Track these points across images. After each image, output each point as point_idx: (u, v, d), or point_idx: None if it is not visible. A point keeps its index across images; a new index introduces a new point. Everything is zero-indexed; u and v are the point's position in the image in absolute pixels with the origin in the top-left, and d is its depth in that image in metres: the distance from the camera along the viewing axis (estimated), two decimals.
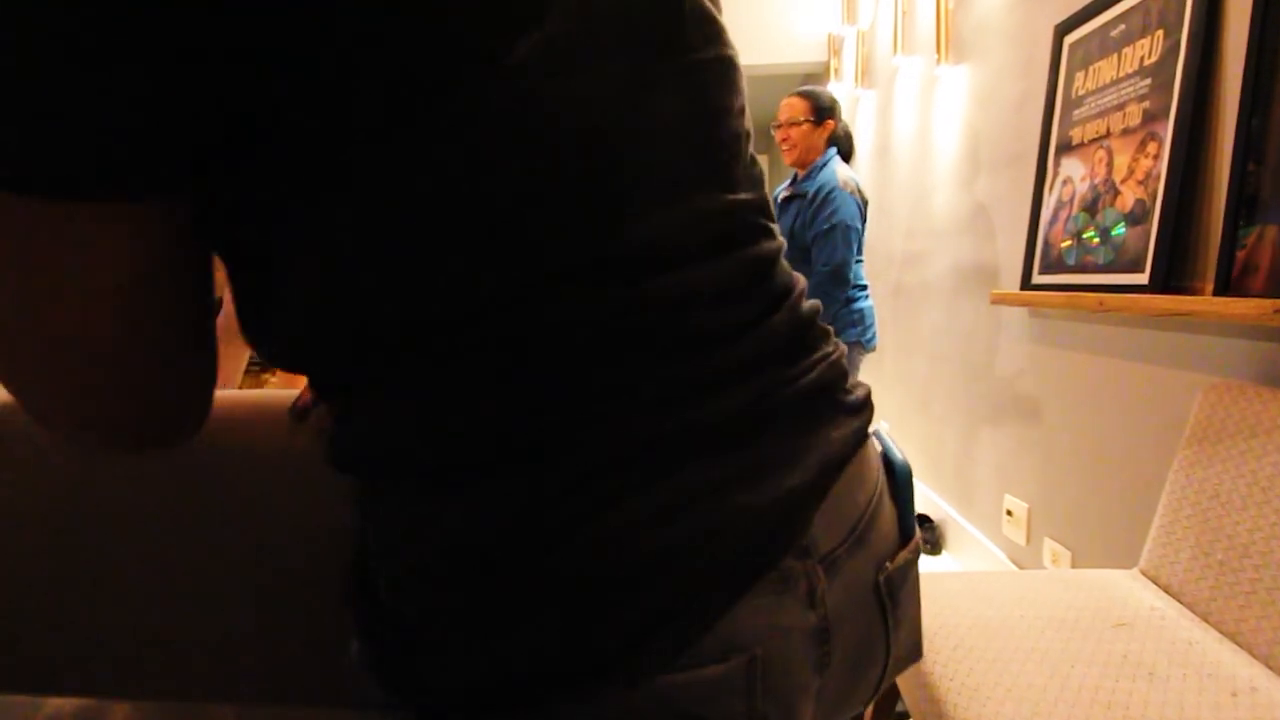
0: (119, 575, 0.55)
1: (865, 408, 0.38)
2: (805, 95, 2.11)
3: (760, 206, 0.35)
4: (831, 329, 0.40)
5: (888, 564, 0.37)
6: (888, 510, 0.39)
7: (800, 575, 0.32)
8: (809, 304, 0.38)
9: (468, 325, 0.28)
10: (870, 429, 0.39)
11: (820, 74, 3.66)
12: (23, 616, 0.56)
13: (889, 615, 0.37)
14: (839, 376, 0.37)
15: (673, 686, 0.29)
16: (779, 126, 2.13)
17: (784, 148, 2.14)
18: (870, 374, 2.89)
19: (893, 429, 2.72)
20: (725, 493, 0.30)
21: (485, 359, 0.29)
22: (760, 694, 0.31)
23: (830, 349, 0.37)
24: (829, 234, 2.00)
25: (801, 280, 0.38)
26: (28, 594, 0.56)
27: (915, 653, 0.42)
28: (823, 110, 2.09)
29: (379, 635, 0.35)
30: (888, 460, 0.40)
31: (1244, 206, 1.02)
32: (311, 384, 0.36)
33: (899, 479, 0.40)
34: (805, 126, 2.09)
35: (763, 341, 0.33)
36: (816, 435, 0.34)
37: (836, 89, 3.42)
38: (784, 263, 0.37)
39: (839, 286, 2.03)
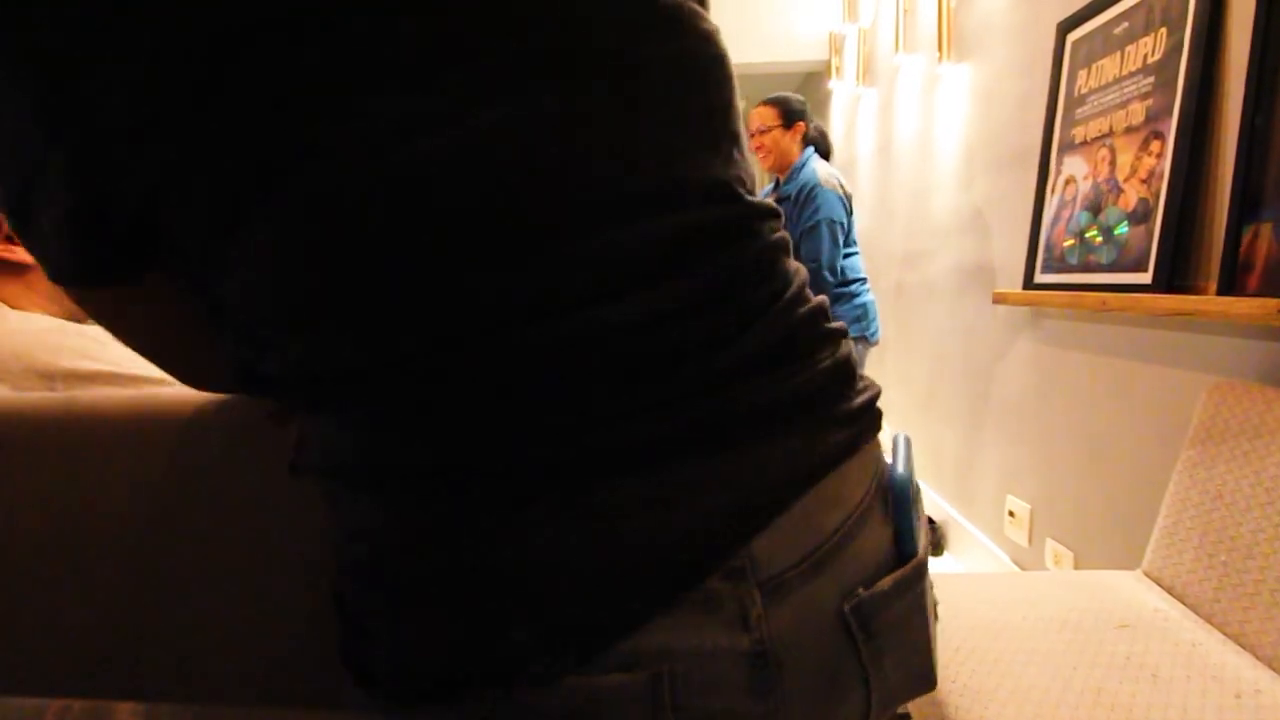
0: (117, 576, 0.55)
1: (858, 419, 0.36)
2: (772, 102, 2.17)
3: (737, 211, 0.34)
4: (844, 327, 0.39)
5: (860, 590, 0.34)
6: (873, 532, 0.36)
7: (729, 598, 0.31)
8: (806, 308, 0.36)
9: (386, 369, 0.31)
10: (865, 440, 0.37)
11: (821, 72, 3.66)
12: (21, 618, 0.56)
13: (862, 646, 0.34)
14: (830, 384, 0.35)
15: (576, 689, 0.30)
16: (751, 136, 2.16)
17: (759, 155, 2.19)
18: (872, 373, 2.88)
19: (893, 429, 2.72)
20: (643, 512, 0.31)
21: (407, 393, 0.31)
22: (669, 711, 0.31)
23: (832, 352, 0.36)
24: (813, 231, 2.03)
25: (798, 281, 0.37)
26: (26, 595, 0.56)
27: (922, 684, 0.39)
28: (791, 114, 2.15)
29: (340, 628, 0.37)
30: (888, 477, 0.38)
31: (1248, 205, 1.01)
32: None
33: (896, 498, 0.38)
34: (776, 131, 2.14)
35: (714, 360, 0.32)
36: (770, 453, 0.32)
37: (837, 87, 3.41)
38: (777, 264, 0.36)
39: (827, 282, 2.06)
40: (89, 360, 0.65)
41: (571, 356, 0.30)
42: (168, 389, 0.62)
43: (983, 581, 1.09)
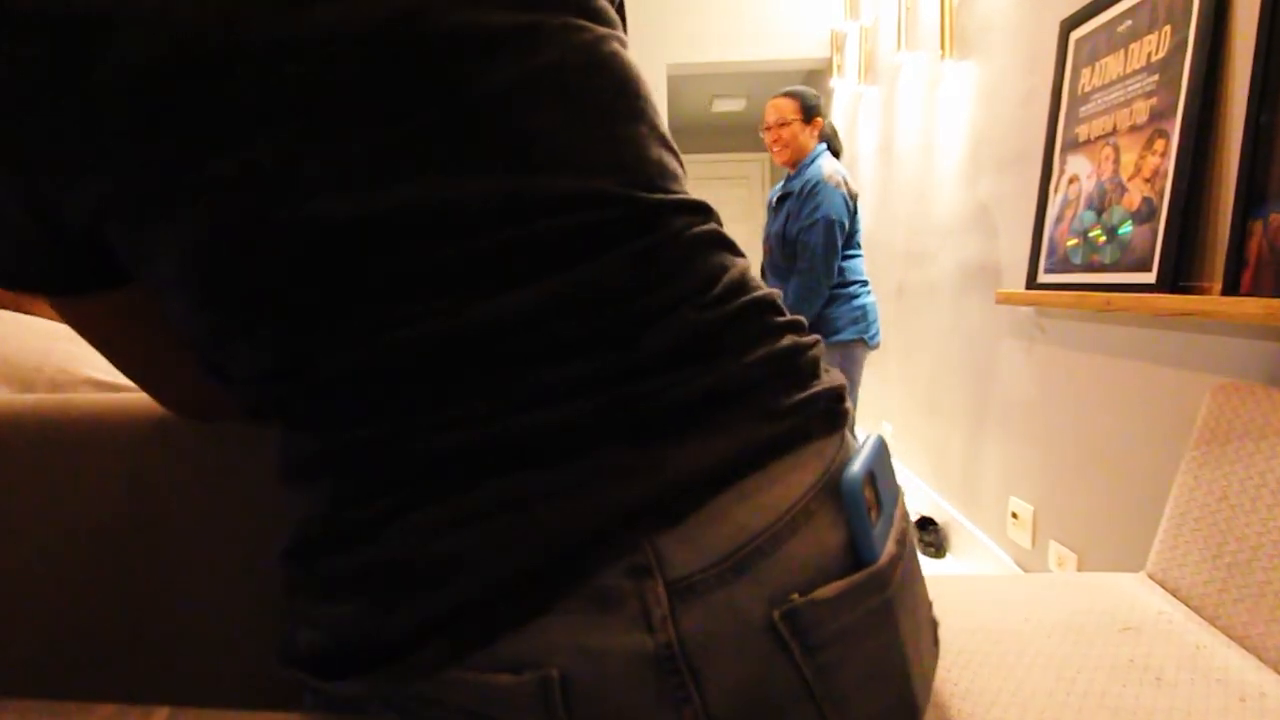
0: (110, 578, 0.55)
1: (796, 415, 0.35)
2: (792, 95, 2.12)
3: (626, 211, 0.34)
4: (791, 325, 0.38)
5: (794, 597, 0.32)
6: (816, 535, 0.34)
7: (630, 595, 0.31)
8: (736, 303, 0.35)
9: (279, 374, 0.33)
10: (807, 437, 0.35)
11: (822, 70, 3.65)
12: (18, 619, 0.56)
13: (801, 660, 0.32)
14: (763, 381, 0.35)
15: (461, 684, 0.31)
16: (767, 129, 2.13)
17: (775, 149, 2.14)
18: (873, 374, 2.88)
19: (896, 430, 2.71)
20: (526, 507, 0.31)
21: (307, 397, 0.33)
22: (562, 714, 0.30)
23: (772, 346, 0.35)
24: (812, 229, 2.00)
25: (729, 276, 0.36)
26: (18, 596, 0.55)
27: (904, 713, 0.36)
28: (810, 108, 2.10)
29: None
30: (837, 477, 0.35)
31: (1253, 204, 1.00)
32: None
33: (844, 500, 0.35)
34: (795, 126, 2.10)
35: (604, 358, 0.32)
36: (678, 451, 0.32)
37: (839, 85, 3.41)
38: (693, 260, 0.35)
39: (823, 281, 2.03)
40: (75, 364, 0.65)
41: (448, 356, 0.31)
42: None
43: (985, 583, 1.09)
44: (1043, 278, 1.56)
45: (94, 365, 0.66)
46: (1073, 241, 1.46)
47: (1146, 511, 1.29)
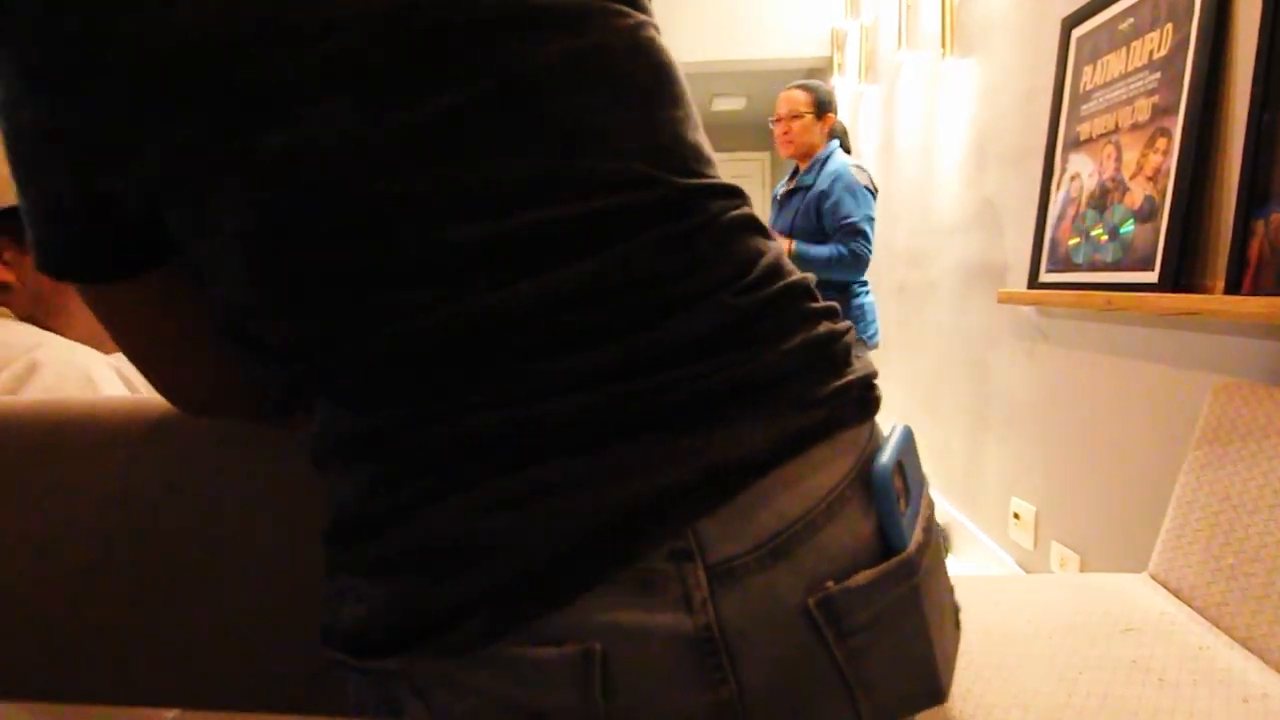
0: (109, 579, 0.55)
1: (832, 403, 0.35)
2: (806, 88, 2.09)
3: (655, 195, 0.34)
4: (826, 311, 0.38)
5: (829, 584, 0.33)
6: (849, 524, 0.34)
7: (672, 579, 0.31)
8: (770, 289, 0.36)
9: (320, 349, 0.34)
10: (842, 425, 0.36)
11: (823, 68, 3.64)
12: (17, 621, 0.55)
13: (835, 646, 0.33)
14: (800, 368, 0.35)
15: (499, 661, 0.31)
16: (778, 121, 2.11)
17: (782, 141, 2.11)
18: None
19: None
20: (568, 490, 0.31)
21: (340, 372, 0.34)
22: (599, 690, 0.31)
23: (807, 334, 0.36)
24: (858, 231, 1.95)
25: (764, 262, 0.36)
26: (18, 598, 0.55)
27: (925, 698, 0.36)
28: (824, 103, 2.07)
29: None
30: (868, 466, 0.36)
31: (1255, 203, 1.00)
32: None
33: (875, 489, 0.35)
34: (807, 119, 2.07)
35: (644, 340, 0.32)
36: (717, 437, 0.32)
37: (839, 84, 3.40)
38: (725, 246, 0.35)
39: (857, 279, 2.02)
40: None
41: (485, 338, 0.32)
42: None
43: (987, 584, 1.08)
44: (1044, 277, 1.55)
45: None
46: (1074, 240, 1.46)
47: (1149, 512, 1.29)
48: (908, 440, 0.39)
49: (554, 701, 0.31)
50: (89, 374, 0.69)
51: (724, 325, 0.34)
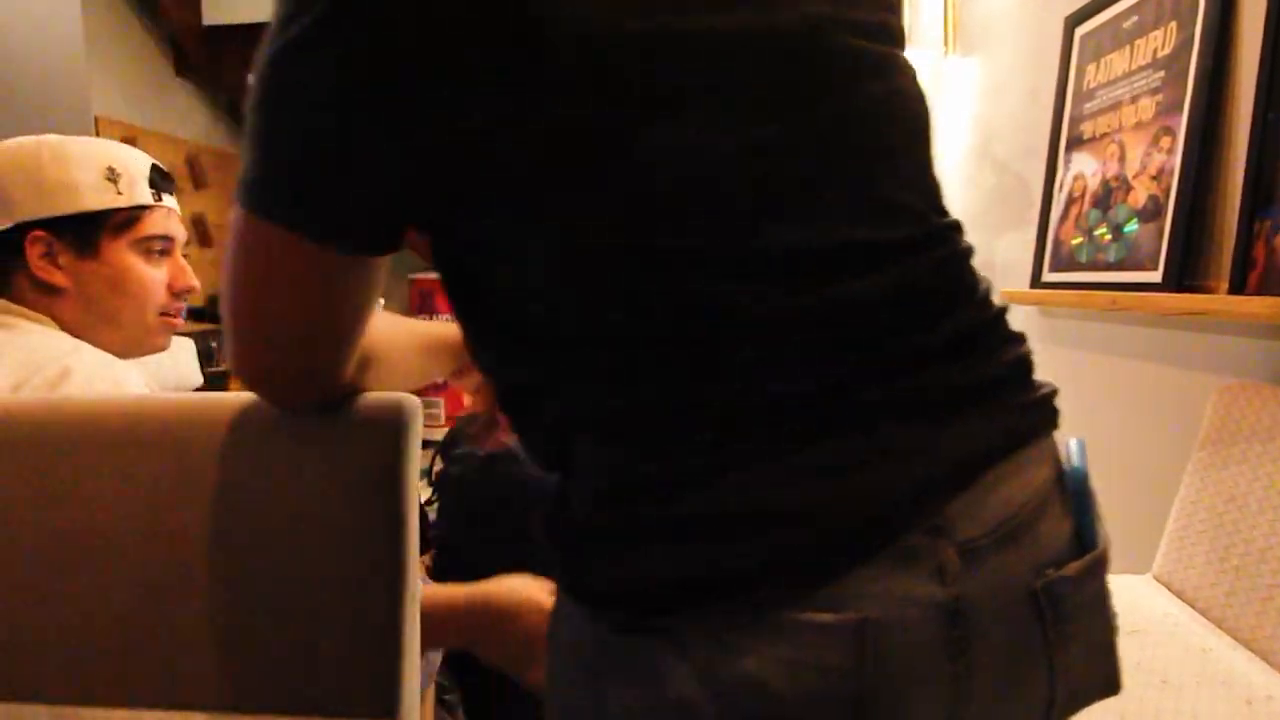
0: (107, 580, 0.55)
1: (1035, 411, 0.40)
2: None
3: (926, 228, 0.40)
4: (1022, 334, 0.43)
5: (1050, 570, 0.37)
6: (1054, 521, 0.39)
7: (928, 551, 0.34)
8: (991, 311, 0.41)
9: (633, 327, 0.36)
10: (1043, 431, 0.40)
11: None
12: (10, 622, 0.55)
13: (1050, 627, 0.36)
14: (1011, 378, 0.40)
15: (784, 624, 0.33)
16: None
17: None
18: None
19: None
20: (854, 469, 0.35)
21: (645, 348, 0.36)
22: (870, 658, 0.33)
23: (1012, 351, 0.41)
24: None
25: (983, 287, 0.42)
26: (14, 599, 0.55)
27: (1108, 687, 0.40)
28: None
29: (566, 547, 0.40)
30: (1061, 468, 0.41)
31: (1260, 202, 0.99)
32: (507, 385, 0.45)
33: (1075, 489, 0.40)
34: None
35: (911, 344, 0.37)
36: (963, 429, 0.37)
37: None
38: (964, 272, 0.41)
39: None
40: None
41: (792, 331, 0.36)
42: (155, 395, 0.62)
43: None
44: (1047, 276, 1.55)
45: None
46: (1077, 240, 1.45)
47: (1152, 513, 1.28)
48: (1084, 451, 0.43)
49: (830, 664, 0.33)
50: (119, 381, 0.69)
51: (967, 337, 0.39)
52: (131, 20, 2.66)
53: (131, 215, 0.75)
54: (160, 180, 0.78)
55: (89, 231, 0.73)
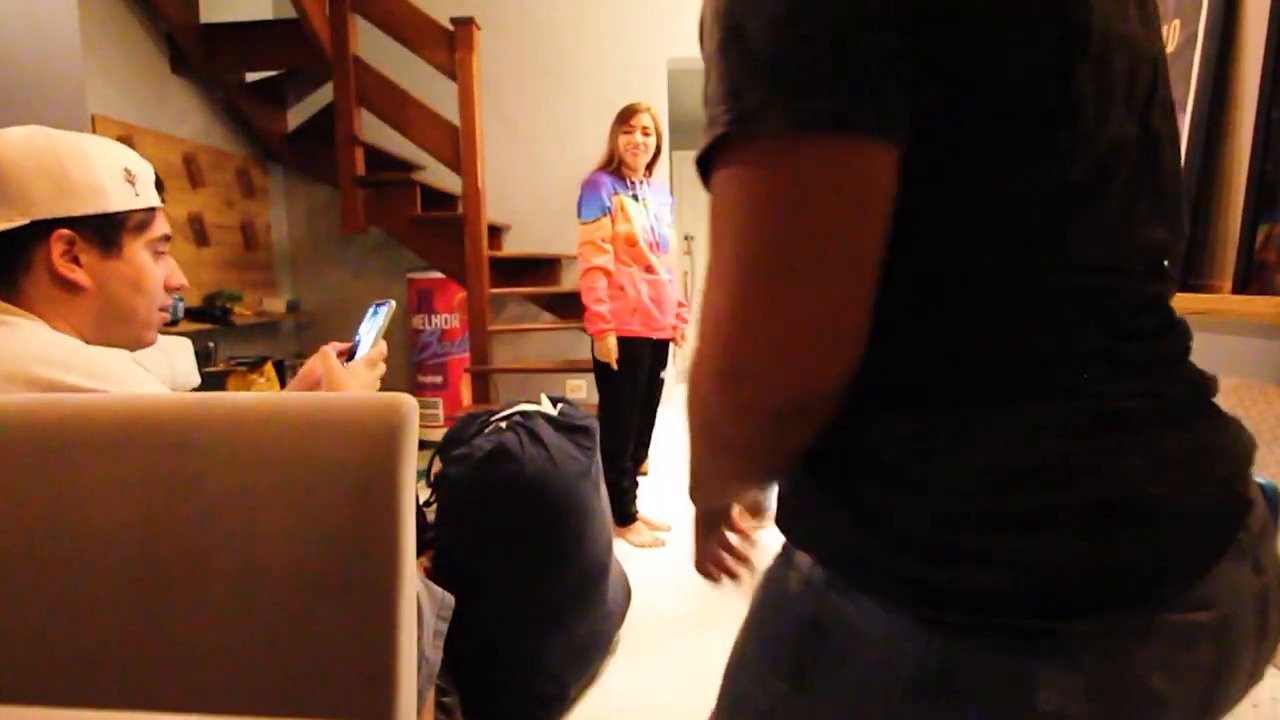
0: (104, 582, 0.54)
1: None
2: None
3: (1180, 257, 0.45)
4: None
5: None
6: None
7: (1248, 545, 0.37)
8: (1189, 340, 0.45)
9: (1029, 283, 0.37)
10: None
11: None
12: (8, 624, 0.55)
13: (1272, 611, 0.39)
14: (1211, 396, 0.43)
15: (1169, 625, 0.34)
16: None
17: None
18: None
19: None
20: (1197, 461, 0.37)
21: (1045, 307, 0.37)
22: (1226, 649, 0.36)
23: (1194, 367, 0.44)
24: None
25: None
26: (13, 600, 0.55)
27: (1258, 675, 0.43)
28: None
29: (902, 552, 0.38)
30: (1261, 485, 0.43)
31: (1263, 202, 0.99)
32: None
33: (1274, 502, 0.46)
34: None
35: (1185, 344, 0.42)
36: (1225, 427, 0.40)
37: None
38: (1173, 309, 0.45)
39: None
40: (68, 373, 0.65)
41: (1143, 324, 0.40)
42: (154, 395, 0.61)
43: None
44: None
45: (80, 373, 0.66)
46: None
47: None
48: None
49: (1204, 663, 0.35)
50: (142, 380, 0.70)
51: (1189, 349, 0.43)
52: (128, 18, 2.65)
53: (146, 216, 0.77)
54: (159, 181, 0.81)
55: (112, 231, 0.74)
